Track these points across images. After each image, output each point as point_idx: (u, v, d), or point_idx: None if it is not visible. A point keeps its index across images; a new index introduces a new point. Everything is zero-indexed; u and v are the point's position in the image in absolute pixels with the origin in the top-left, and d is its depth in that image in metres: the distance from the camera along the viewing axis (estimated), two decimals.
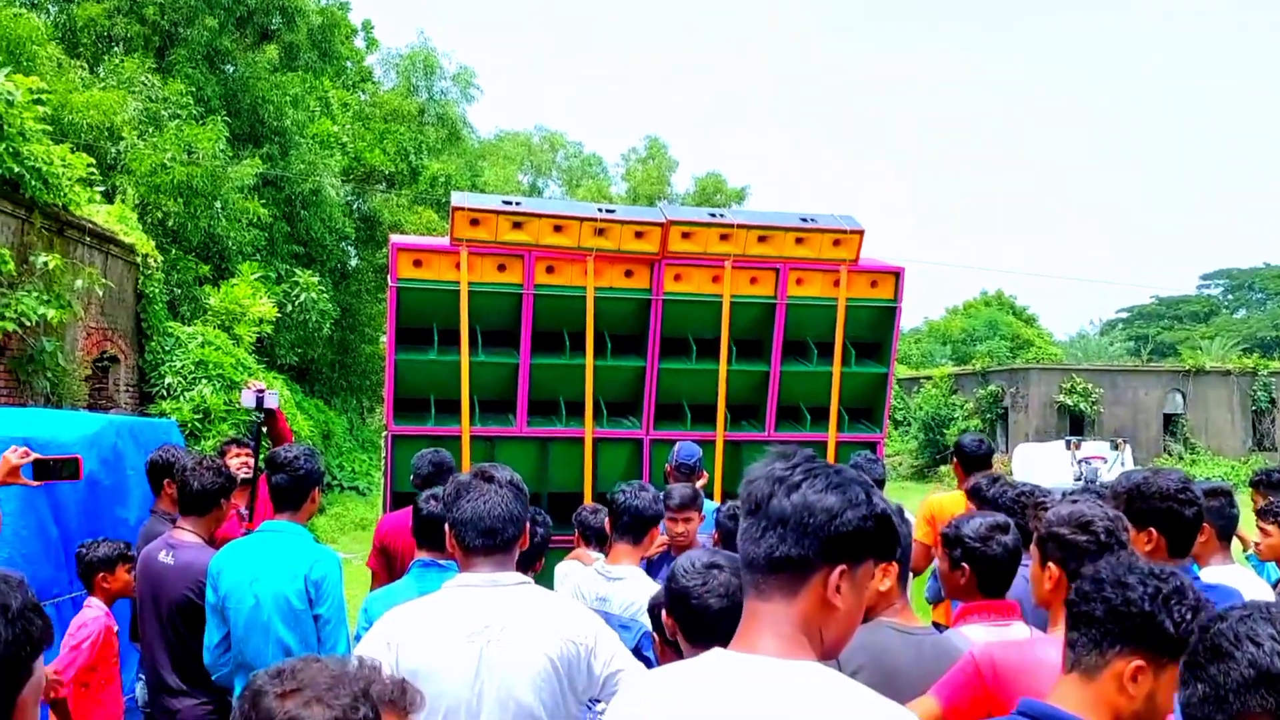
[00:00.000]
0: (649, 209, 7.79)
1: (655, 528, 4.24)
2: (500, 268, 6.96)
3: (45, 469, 4.01)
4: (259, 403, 5.82)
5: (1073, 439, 20.79)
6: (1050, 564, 2.59)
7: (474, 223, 6.78)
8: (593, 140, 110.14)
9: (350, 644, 4.01)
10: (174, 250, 15.50)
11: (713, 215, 7.38)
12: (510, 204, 7.04)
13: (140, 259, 13.05)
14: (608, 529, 4.22)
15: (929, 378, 36.53)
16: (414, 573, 4.05)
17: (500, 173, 38.78)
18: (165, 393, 13.20)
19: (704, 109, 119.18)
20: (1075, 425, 31.08)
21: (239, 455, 5.72)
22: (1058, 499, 3.89)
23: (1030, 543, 2.95)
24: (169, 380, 13.23)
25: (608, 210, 7.15)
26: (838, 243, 7.22)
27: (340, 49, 25.23)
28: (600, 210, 7.11)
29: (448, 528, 2.81)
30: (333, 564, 4.04)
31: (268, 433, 5.98)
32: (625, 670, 2.72)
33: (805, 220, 7.28)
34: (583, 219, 6.93)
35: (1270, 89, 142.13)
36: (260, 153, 18.72)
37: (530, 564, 4.01)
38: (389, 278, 7.04)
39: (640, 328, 7.27)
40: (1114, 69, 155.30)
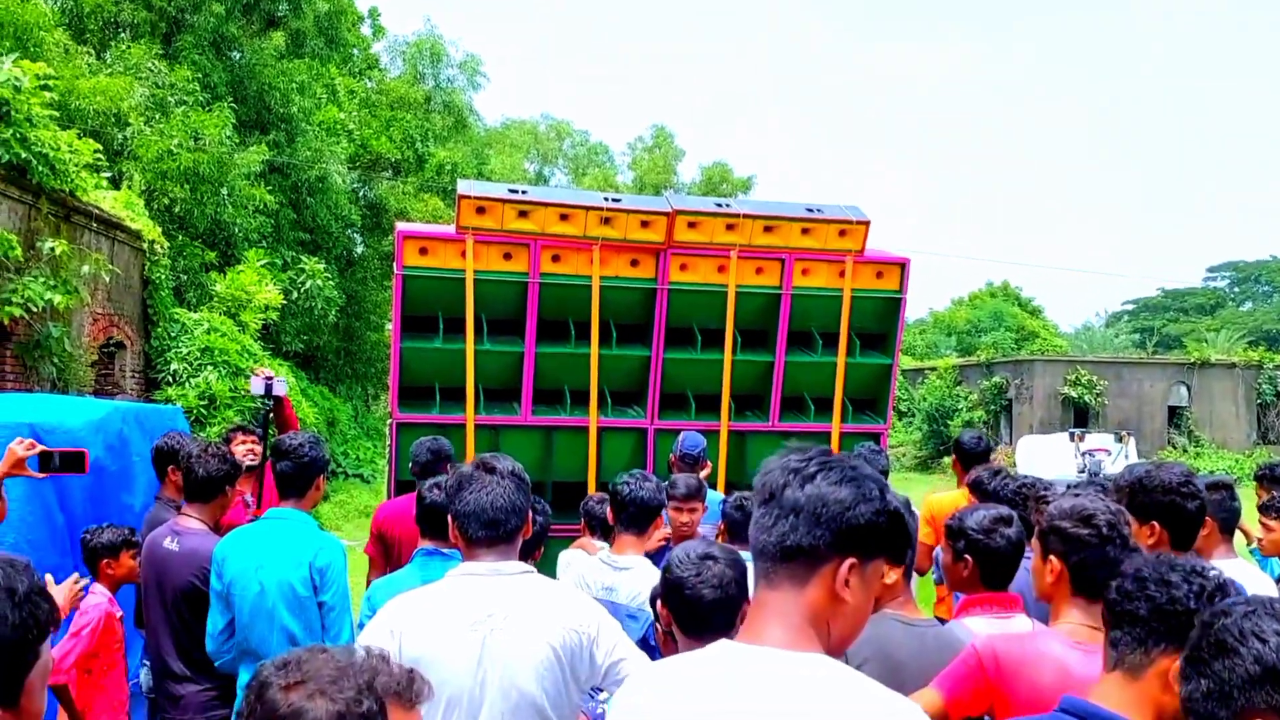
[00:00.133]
0: (655, 198, 7.79)
1: (659, 518, 4.24)
2: (506, 256, 6.97)
3: (50, 461, 4.02)
4: (268, 390, 5.84)
5: (1077, 431, 20.82)
6: (1052, 557, 2.59)
7: (480, 211, 6.78)
8: (599, 129, 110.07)
9: (354, 631, 4.02)
10: (180, 236, 15.51)
11: (719, 205, 7.38)
12: (516, 192, 7.04)
13: (146, 245, 13.06)
14: (610, 519, 4.22)
15: (933, 369, 36.52)
16: (417, 561, 4.06)
17: (506, 161, 38.74)
18: (171, 379, 13.22)
19: (711, 98, 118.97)
20: (1079, 417, 31.07)
21: (245, 442, 5.73)
22: (1059, 491, 3.90)
23: (1032, 535, 2.95)
24: (175, 367, 13.25)
25: (614, 199, 7.15)
26: (843, 233, 7.21)
27: (347, 36, 25.20)
28: (606, 199, 7.11)
29: (450, 519, 2.82)
30: (337, 551, 4.05)
31: (275, 420, 5.99)
32: (627, 659, 2.72)
33: (811, 211, 7.27)
34: (589, 208, 6.92)
35: (1278, 83, 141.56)
36: (267, 139, 18.72)
37: (530, 553, 4.01)
38: (395, 265, 7.05)
39: (645, 317, 7.27)
40: (1121, 63, 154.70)
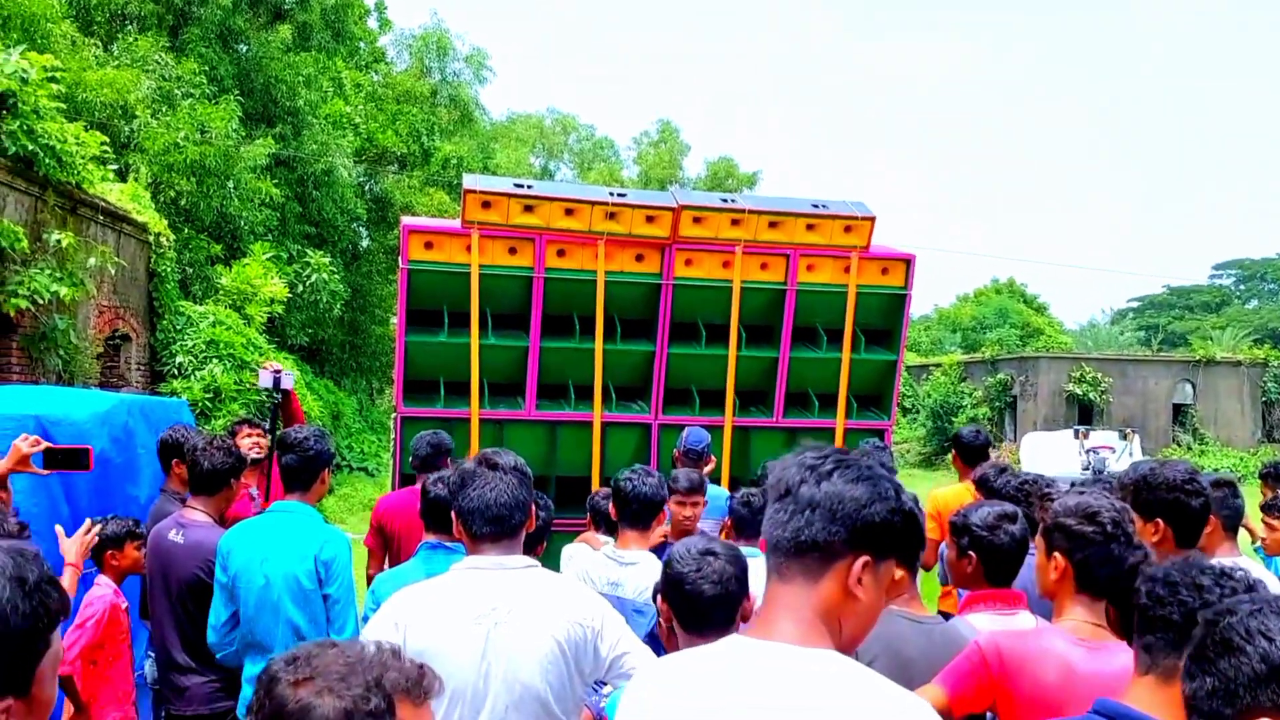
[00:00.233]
0: (660, 193, 7.78)
1: (662, 513, 4.25)
2: (511, 251, 6.97)
3: (55, 458, 4.04)
4: (276, 383, 5.87)
5: (1081, 428, 20.80)
6: (1056, 554, 2.59)
7: (485, 205, 6.77)
8: (605, 124, 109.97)
9: (359, 624, 4.03)
10: (186, 229, 15.53)
11: (724, 200, 7.36)
12: (522, 187, 7.03)
13: (153, 238, 13.08)
14: (612, 514, 4.22)
15: (938, 365, 36.50)
16: (421, 554, 4.07)
17: (512, 155, 38.73)
18: (176, 372, 13.25)
19: (717, 94, 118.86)
20: (1084, 414, 31.05)
21: (250, 435, 5.75)
22: (1062, 488, 3.90)
23: (1036, 532, 2.95)
24: (180, 359, 13.28)
25: (619, 194, 7.14)
26: (849, 229, 7.20)
27: (353, 29, 25.18)
28: (612, 194, 7.11)
29: (454, 515, 2.83)
30: (342, 545, 4.07)
31: (281, 413, 6.01)
32: (631, 653, 2.73)
33: (817, 206, 7.26)
34: (594, 203, 6.92)
35: None
36: (273, 133, 18.72)
37: (533, 547, 4.02)
38: (400, 259, 7.05)
39: (650, 312, 7.27)
40: (1128, 60, 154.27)
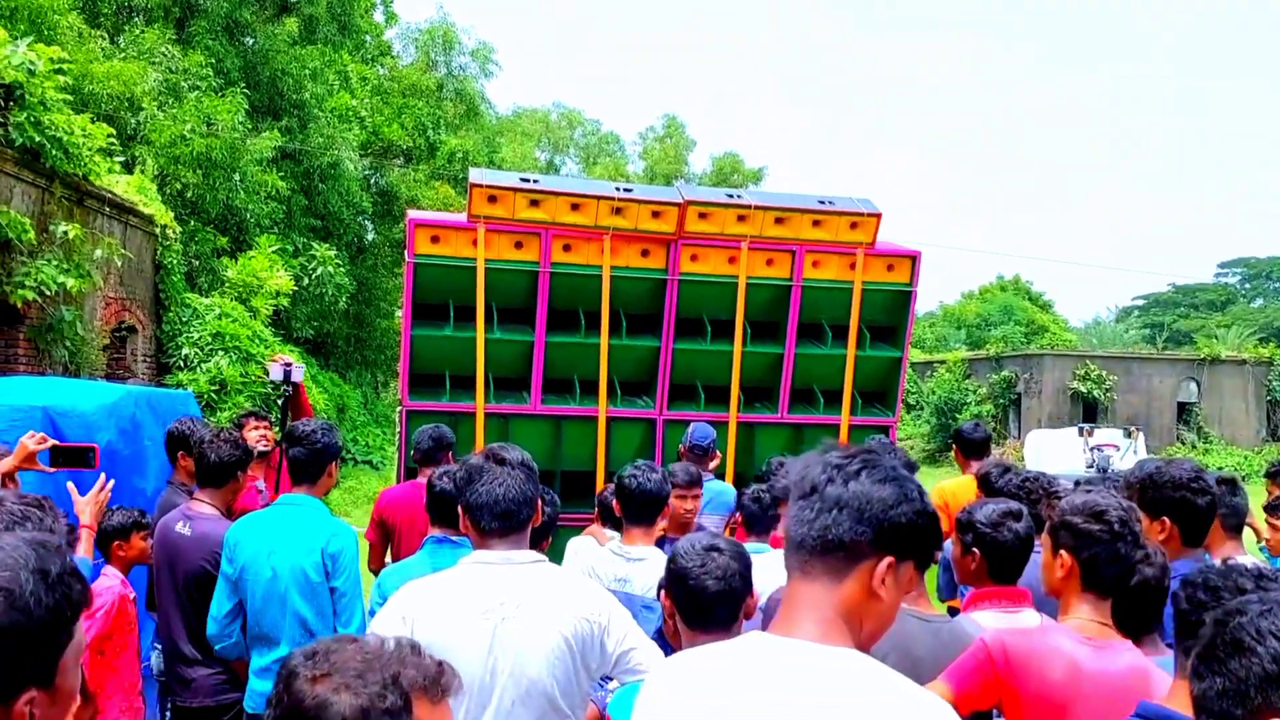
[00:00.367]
0: (666, 189, 7.78)
1: (666, 507, 4.26)
2: (517, 245, 6.97)
3: (61, 456, 4.06)
4: (286, 376, 5.91)
5: (1086, 426, 20.79)
6: (1063, 552, 2.59)
7: (492, 200, 6.78)
8: (611, 118, 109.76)
9: (365, 617, 4.05)
10: (192, 222, 15.54)
11: (730, 196, 7.37)
12: (528, 182, 7.03)
13: (159, 230, 13.09)
14: (616, 510, 4.21)
15: (942, 362, 36.45)
16: (427, 548, 4.08)
17: (518, 149, 38.70)
18: (182, 364, 13.27)
19: (722, 89, 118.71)
20: (1088, 412, 31.02)
21: (257, 428, 5.77)
22: (1065, 486, 3.89)
23: (1042, 530, 2.95)
24: (186, 351, 13.30)
25: (625, 189, 7.15)
26: (855, 226, 7.21)
27: (359, 23, 25.18)
28: (618, 189, 7.11)
29: (461, 511, 2.83)
30: (350, 538, 4.08)
31: (290, 406, 6.04)
32: (637, 648, 2.74)
33: (822, 203, 7.26)
34: (600, 198, 6.93)
35: None
36: (279, 126, 18.73)
37: (539, 542, 4.02)
38: (406, 253, 7.06)
39: (656, 307, 7.28)
40: (1134, 57, 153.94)
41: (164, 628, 4.50)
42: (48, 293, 9.46)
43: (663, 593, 2.72)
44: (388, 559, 5.64)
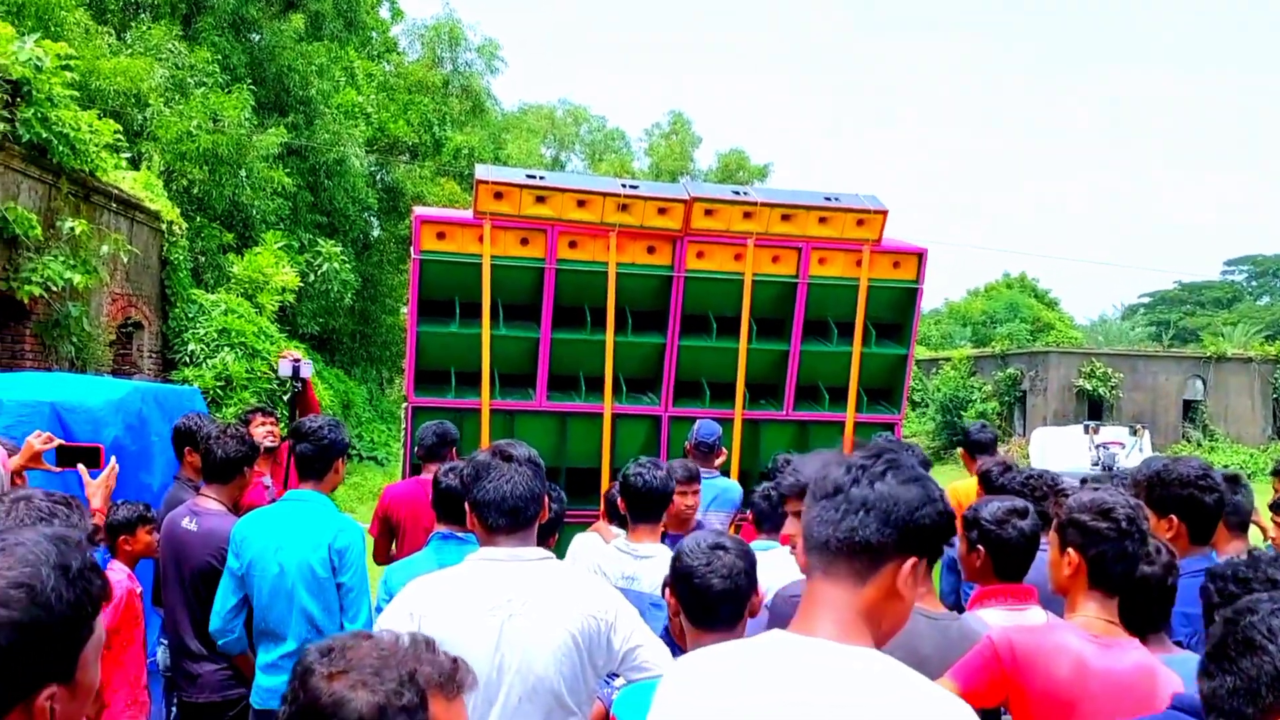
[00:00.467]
0: (672, 185, 7.77)
1: (671, 503, 4.27)
2: (523, 242, 6.97)
3: (68, 455, 4.07)
4: (295, 372, 5.96)
5: (1091, 424, 20.73)
6: (1070, 550, 2.59)
7: (498, 196, 6.78)
8: (616, 115, 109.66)
9: (372, 613, 4.05)
10: (199, 218, 15.57)
11: (736, 193, 7.35)
12: (534, 178, 7.02)
13: (165, 226, 13.11)
14: (621, 508, 4.21)
15: (948, 359, 36.40)
16: (433, 545, 4.09)
17: (523, 146, 38.70)
18: (188, 360, 13.30)
19: (728, 85, 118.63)
20: (1094, 410, 30.96)
21: (263, 424, 5.78)
22: (1069, 484, 3.89)
23: (1049, 528, 2.94)
24: (192, 347, 13.32)
25: (631, 186, 7.14)
26: (861, 223, 7.19)
27: (365, 19, 25.20)
28: (624, 186, 7.10)
29: (468, 508, 2.83)
30: (356, 534, 4.08)
31: (298, 402, 6.07)
32: (644, 646, 2.74)
33: (829, 199, 7.25)
34: (606, 194, 6.92)
35: None
36: (285, 122, 18.76)
37: (545, 538, 4.02)
38: (412, 249, 7.06)
39: (661, 304, 7.27)
40: (1140, 53, 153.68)
41: (170, 623, 4.52)
42: (54, 288, 9.48)
43: (667, 590, 2.71)
44: (393, 554, 5.65)
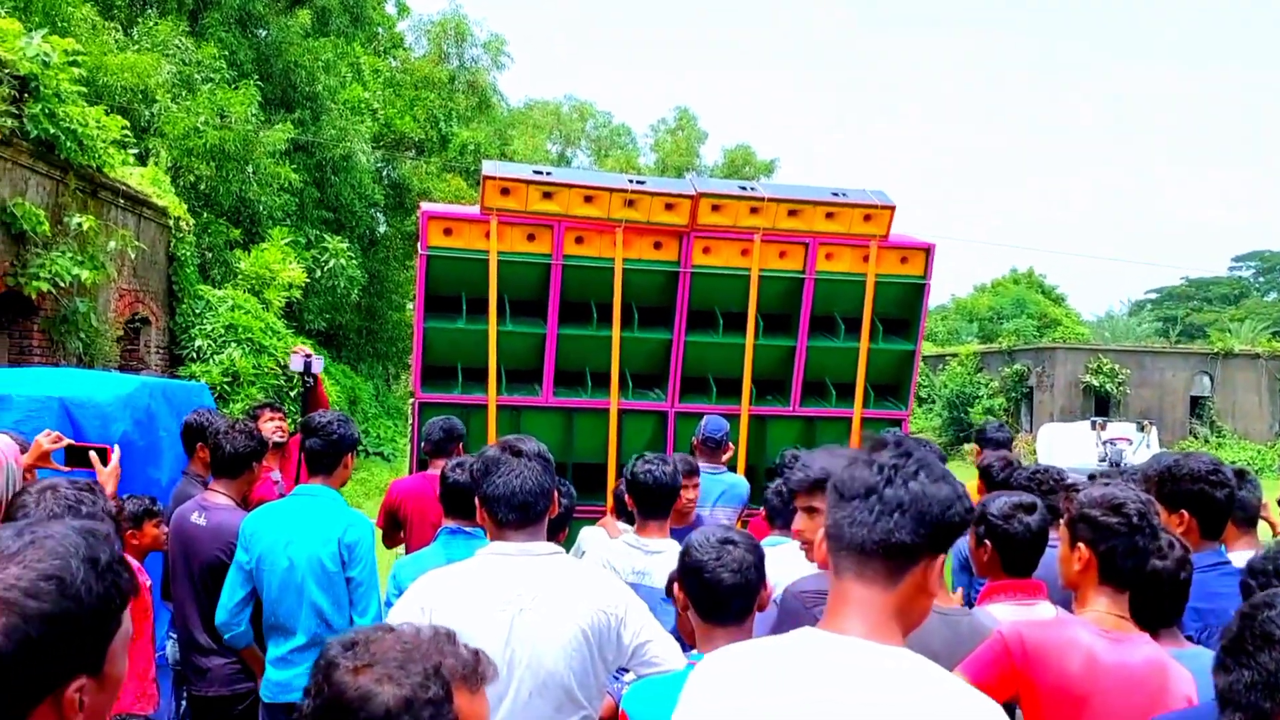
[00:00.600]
0: (679, 181, 7.75)
1: (679, 498, 4.27)
2: (530, 238, 6.97)
3: (76, 455, 4.08)
4: (307, 367, 5.99)
5: (1098, 420, 20.66)
6: (1080, 545, 2.58)
7: (504, 192, 6.77)
8: (622, 110, 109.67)
9: (381, 607, 4.07)
10: (205, 214, 15.60)
11: (743, 188, 7.34)
12: (541, 174, 7.02)
13: (172, 222, 13.14)
14: (628, 504, 4.21)
15: (954, 355, 36.35)
16: (441, 539, 4.09)
17: (529, 142, 38.67)
18: (195, 355, 13.33)
19: (734, 81, 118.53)
20: (1101, 406, 30.89)
21: (272, 419, 5.80)
22: (1076, 480, 3.88)
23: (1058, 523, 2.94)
24: (199, 343, 13.35)
25: (638, 182, 7.13)
26: (868, 218, 7.17)
27: (372, 15, 25.21)
28: (630, 182, 7.09)
29: (478, 502, 2.83)
30: (366, 528, 4.10)
31: (308, 398, 6.10)
32: (654, 641, 2.74)
33: (836, 195, 7.22)
34: (613, 190, 6.91)
35: None
36: (292, 118, 18.76)
37: (555, 534, 4.02)
38: (419, 245, 7.06)
39: (668, 300, 7.26)
40: (1146, 49, 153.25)
41: (179, 618, 4.53)
42: (62, 284, 9.51)
43: (676, 585, 2.71)
44: (400, 550, 5.67)
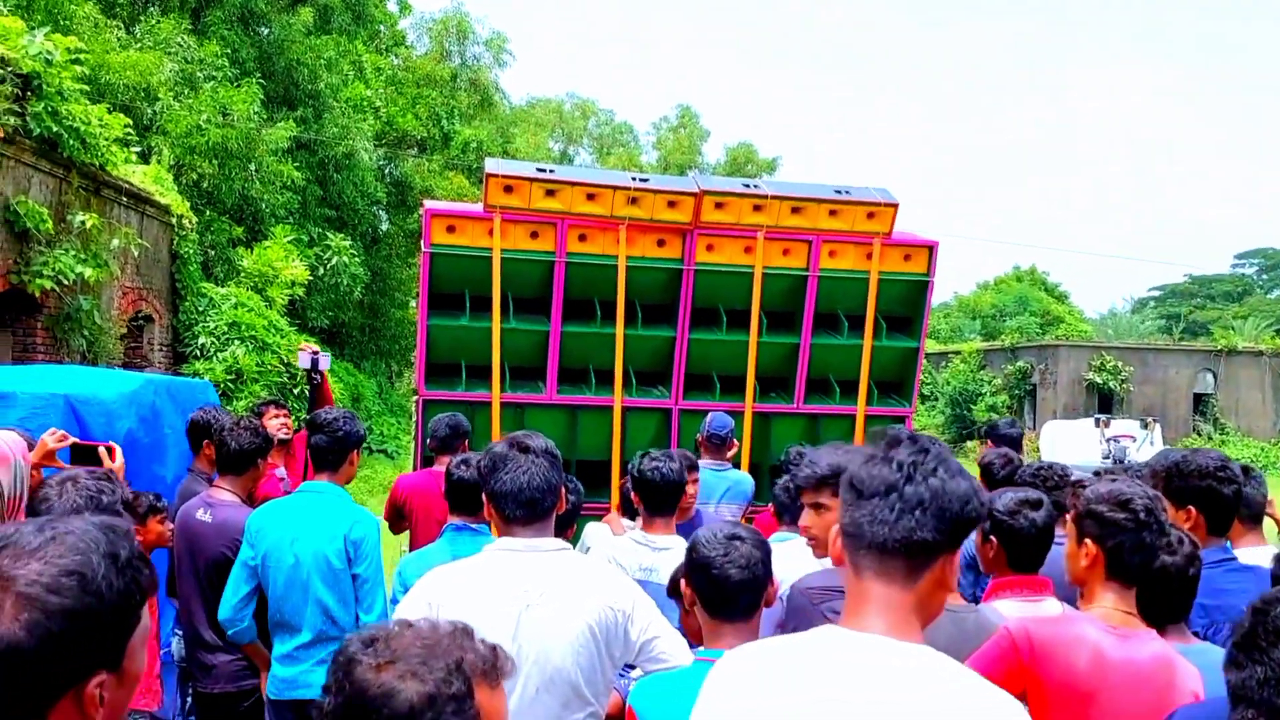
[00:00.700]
0: (682, 178, 7.75)
1: (685, 494, 4.27)
2: (533, 235, 6.96)
3: (82, 454, 4.08)
4: (314, 364, 6.01)
5: (1102, 417, 20.66)
6: (1088, 541, 2.58)
7: (508, 190, 6.77)
8: (624, 108, 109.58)
9: (387, 604, 4.07)
10: (208, 212, 15.60)
11: (746, 186, 7.33)
12: (544, 172, 7.01)
13: (175, 220, 13.15)
14: (635, 501, 4.20)
15: (957, 353, 36.34)
16: (447, 536, 4.09)
17: (531, 139, 38.68)
18: (198, 353, 13.34)
19: (735, 79, 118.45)
20: (1104, 403, 30.88)
21: (277, 416, 5.81)
22: (1077, 476, 3.88)
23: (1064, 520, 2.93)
24: (202, 340, 13.36)
25: (641, 179, 7.12)
26: (871, 215, 7.17)
27: (374, 12, 25.21)
28: (634, 179, 7.08)
29: (486, 498, 2.84)
30: (372, 525, 4.10)
31: (311, 394, 6.12)
32: (661, 637, 2.74)
33: (839, 192, 7.22)
34: (616, 188, 6.90)
35: None
36: (294, 116, 18.76)
37: (563, 530, 4.03)
38: (422, 243, 7.05)
39: (671, 297, 7.26)
40: (1148, 45, 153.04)
41: (185, 614, 4.54)
42: (65, 282, 9.51)
43: (683, 582, 2.71)
44: (404, 547, 5.67)
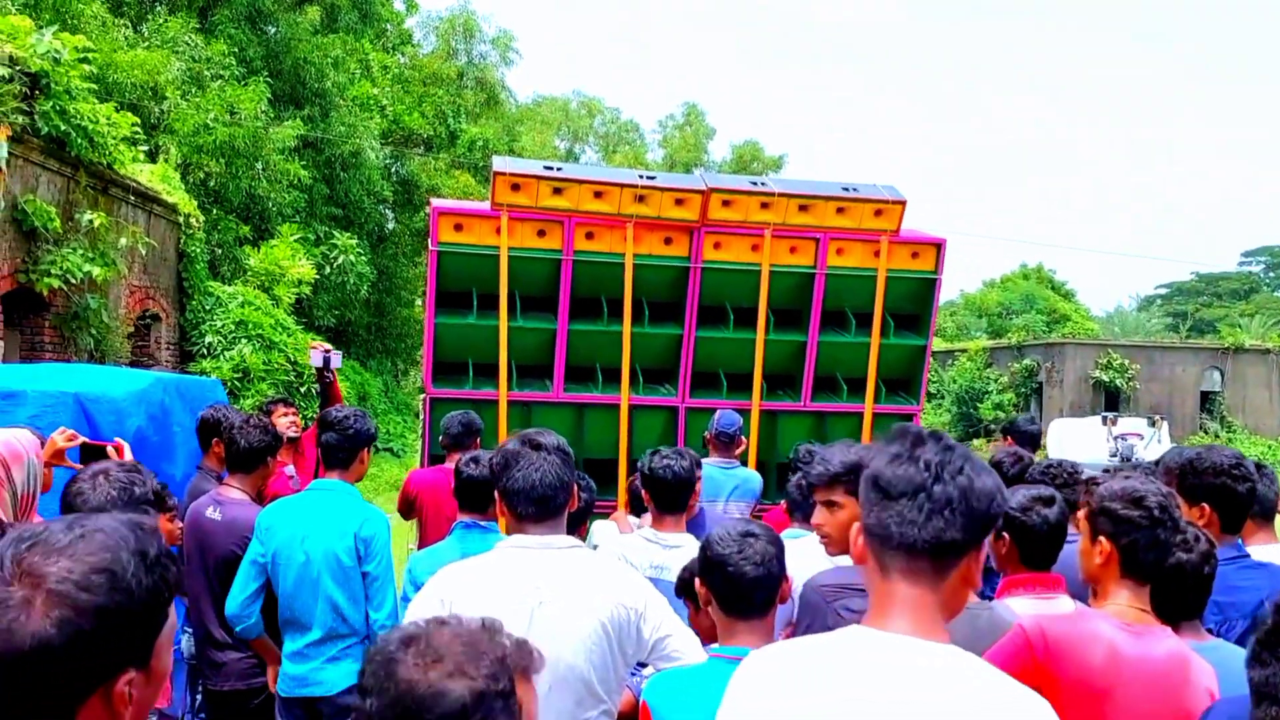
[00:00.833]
0: (689, 176, 7.74)
1: (695, 491, 4.26)
2: (540, 233, 6.96)
3: (92, 452, 4.09)
4: (326, 363, 6.02)
5: (1109, 415, 20.63)
6: (1101, 538, 2.57)
7: (515, 188, 6.77)
8: (630, 106, 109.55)
9: (397, 602, 4.07)
10: (215, 210, 15.63)
11: (754, 183, 7.32)
12: (551, 169, 7.01)
13: (182, 218, 13.18)
14: (645, 499, 4.20)
15: (964, 351, 36.30)
16: (456, 533, 4.09)
17: (537, 138, 38.69)
18: (205, 351, 13.37)
19: (742, 77, 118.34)
20: (1110, 401, 30.83)
21: (286, 414, 5.81)
22: (1088, 473, 3.86)
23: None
24: (209, 339, 13.39)
25: (648, 177, 7.11)
26: (879, 213, 7.16)
27: (380, 11, 25.24)
28: (641, 177, 7.08)
29: (498, 496, 2.83)
30: (382, 523, 4.11)
31: (321, 393, 6.13)
32: (673, 635, 2.73)
33: (847, 190, 7.21)
34: (623, 185, 6.90)
35: None
36: (301, 114, 18.79)
37: (575, 528, 4.02)
38: (429, 241, 7.05)
39: (678, 295, 7.25)
40: (1154, 43, 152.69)
41: (194, 612, 4.55)
42: (73, 281, 9.54)
43: (697, 581, 2.70)
44: (412, 545, 5.68)
